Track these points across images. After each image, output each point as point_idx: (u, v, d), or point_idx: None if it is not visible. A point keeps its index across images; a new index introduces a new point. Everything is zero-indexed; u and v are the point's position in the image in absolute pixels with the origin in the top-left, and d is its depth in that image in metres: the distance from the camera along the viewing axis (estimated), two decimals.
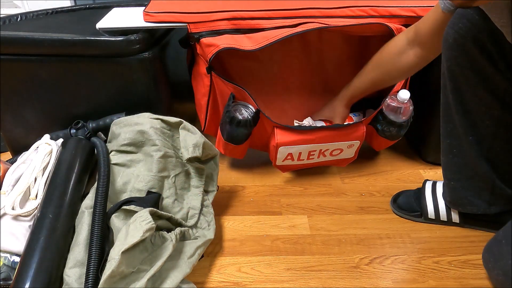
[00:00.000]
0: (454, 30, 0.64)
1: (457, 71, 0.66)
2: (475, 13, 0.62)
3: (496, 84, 0.65)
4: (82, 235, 0.65)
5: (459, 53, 0.65)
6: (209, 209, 0.81)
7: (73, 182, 0.72)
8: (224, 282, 0.73)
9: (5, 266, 0.66)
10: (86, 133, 0.90)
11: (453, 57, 0.66)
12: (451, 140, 0.74)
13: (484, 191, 0.76)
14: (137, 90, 0.91)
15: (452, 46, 0.65)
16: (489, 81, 0.65)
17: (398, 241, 0.82)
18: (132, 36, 0.84)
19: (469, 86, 0.67)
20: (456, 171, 0.77)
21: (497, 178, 0.74)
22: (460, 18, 0.63)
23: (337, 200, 0.94)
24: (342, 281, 0.73)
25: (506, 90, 0.65)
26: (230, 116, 0.84)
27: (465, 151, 0.73)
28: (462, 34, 0.63)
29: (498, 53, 0.62)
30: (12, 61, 0.87)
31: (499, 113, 0.68)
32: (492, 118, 0.68)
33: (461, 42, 0.64)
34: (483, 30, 0.61)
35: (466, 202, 0.78)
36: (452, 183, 0.78)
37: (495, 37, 0.61)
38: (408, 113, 0.89)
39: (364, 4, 0.84)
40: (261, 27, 0.84)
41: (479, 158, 0.72)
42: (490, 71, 0.64)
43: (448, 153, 0.76)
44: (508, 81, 0.64)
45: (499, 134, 0.70)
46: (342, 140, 0.90)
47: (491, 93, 0.66)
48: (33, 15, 1.04)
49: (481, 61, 0.64)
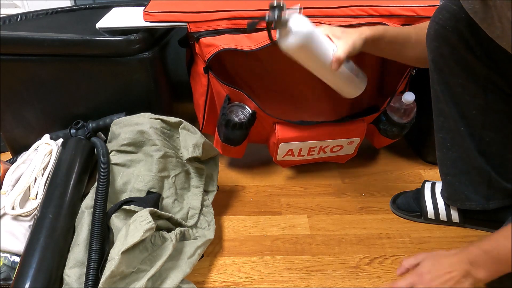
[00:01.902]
0: (435, 22, 0.66)
1: (441, 62, 0.68)
2: (453, 4, 0.64)
3: (477, 72, 0.67)
4: (82, 235, 0.65)
5: (440, 43, 0.67)
6: (209, 209, 0.81)
7: (73, 182, 0.72)
8: (224, 282, 0.73)
9: (5, 266, 0.66)
10: (86, 133, 0.90)
11: (435, 48, 0.67)
12: (443, 134, 0.75)
13: (481, 185, 0.76)
14: (137, 90, 0.91)
15: (434, 37, 0.67)
16: (470, 69, 0.67)
17: (398, 241, 0.82)
18: (132, 36, 0.84)
19: (452, 75, 0.68)
20: (451, 166, 0.77)
21: (493, 171, 0.74)
22: (440, 10, 0.66)
23: (337, 200, 0.94)
24: (342, 281, 0.73)
25: (487, 77, 0.67)
26: (226, 118, 0.84)
27: (458, 144, 0.73)
28: (442, 25, 0.65)
29: (475, 41, 0.64)
30: (12, 61, 0.87)
31: (484, 101, 0.69)
32: (478, 108, 0.69)
33: (441, 32, 0.66)
34: (460, 19, 0.63)
35: (463, 197, 0.78)
36: (448, 178, 0.78)
37: (472, 26, 0.62)
38: (412, 115, 0.89)
39: (364, 3, 0.84)
40: (261, 27, 0.84)
41: (472, 151, 0.72)
42: (469, 59, 0.66)
43: (442, 147, 0.76)
44: (487, 68, 0.66)
45: (486, 123, 0.70)
46: (343, 137, 0.90)
47: (474, 81, 0.67)
48: (33, 15, 1.04)
49: (461, 49, 0.65)
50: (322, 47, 0.65)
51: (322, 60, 0.66)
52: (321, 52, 0.65)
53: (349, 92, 0.76)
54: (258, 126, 0.88)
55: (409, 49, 0.74)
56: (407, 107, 0.88)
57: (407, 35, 0.74)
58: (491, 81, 0.67)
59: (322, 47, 0.65)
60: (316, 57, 0.65)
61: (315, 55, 0.65)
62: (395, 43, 0.73)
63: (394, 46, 0.73)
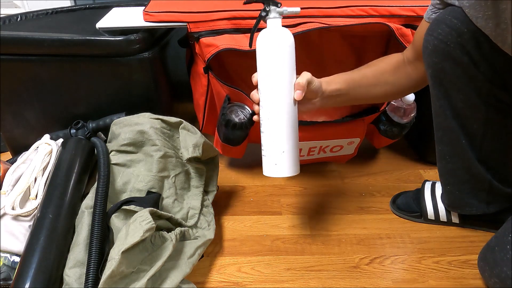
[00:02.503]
0: (434, 37, 0.64)
1: (441, 76, 0.66)
2: (453, 17, 0.62)
3: (480, 87, 0.65)
4: (82, 235, 0.65)
5: (441, 59, 0.64)
6: (209, 209, 0.81)
7: (73, 182, 0.72)
8: (224, 282, 0.73)
9: (5, 266, 0.66)
10: (86, 133, 0.90)
11: (434, 63, 0.66)
12: (442, 147, 0.74)
13: (481, 192, 0.76)
14: (137, 90, 0.91)
15: (433, 52, 0.65)
16: (472, 84, 0.65)
17: (398, 241, 0.82)
18: (132, 36, 0.84)
19: (454, 91, 0.67)
20: (451, 176, 0.77)
21: (493, 178, 0.74)
22: (438, 24, 0.64)
23: (337, 200, 0.94)
24: (342, 281, 0.73)
25: (489, 92, 0.65)
26: (226, 119, 0.84)
27: (458, 155, 0.73)
28: (442, 40, 0.63)
29: (478, 54, 0.62)
30: (12, 61, 0.87)
31: (485, 115, 0.68)
32: (479, 121, 0.69)
33: (442, 47, 0.63)
34: (462, 34, 0.61)
35: (464, 204, 0.78)
36: (448, 187, 0.78)
37: (475, 39, 0.61)
38: (412, 115, 0.89)
39: (364, 3, 0.84)
40: (261, 27, 0.84)
41: (473, 160, 0.72)
42: (473, 73, 0.64)
43: (442, 159, 0.76)
44: (489, 82, 0.64)
45: (487, 134, 0.70)
46: (343, 137, 0.90)
47: (476, 96, 0.66)
48: (33, 15, 1.04)
49: (464, 63, 0.64)
50: (293, 63, 0.64)
51: (287, 77, 0.63)
52: (291, 67, 0.64)
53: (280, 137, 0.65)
54: (258, 126, 0.88)
55: (375, 89, 0.74)
56: (407, 107, 0.88)
57: (366, 78, 0.73)
58: (493, 95, 0.66)
59: (292, 63, 0.64)
60: (284, 68, 0.63)
61: (286, 65, 0.63)
62: (359, 87, 0.73)
63: (358, 90, 0.73)
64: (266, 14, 0.63)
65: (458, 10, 0.61)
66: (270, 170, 0.66)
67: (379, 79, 0.74)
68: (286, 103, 0.64)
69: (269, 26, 0.64)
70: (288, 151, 0.65)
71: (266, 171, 0.67)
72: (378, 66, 0.75)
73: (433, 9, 0.66)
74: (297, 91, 0.63)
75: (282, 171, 0.65)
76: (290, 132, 0.65)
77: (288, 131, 0.65)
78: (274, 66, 0.63)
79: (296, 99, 0.63)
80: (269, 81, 0.63)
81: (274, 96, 0.64)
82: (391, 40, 0.89)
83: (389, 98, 0.81)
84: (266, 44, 0.63)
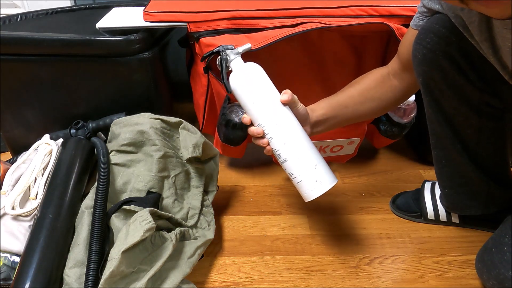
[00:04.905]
0: (422, 46, 0.63)
1: (432, 85, 0.66)
2: (441, 26, 0.61)
3: (469, 95, 0.65)
4: (82, 235, 0.65)
5: (430, 68, 0.64)
6: (209, 209, 0.81)
7: (73, 182, 0.72)
8: (224, 282, 0.73)
9: (5, 266, 0.66)
10: (86, 133, 0.90)
11: (424, 72, 0.65)
12: (437, 152, 0.74)
13: (479, 193, 0.76)
14: (137, 90, 0.91)
15: (422, 61, 0.65)
16: (462, 93, 0.65)
17: (398, 241, 0.82)
18: (132, 36, 0.84)
19: (444, 99, 0.67)
20: (448, 180, 0.77)
21: (491, 180, 0.73)
22: (426, 33, 0.63)
23: (337, 200, 0.94)
24: (342, 281, 0.73)
25: (480, 100, 0.65)
26: (226, 119, 0.84)
27: (454, 160, 0.73)
28: (430, 49, 0.63)
29: (467, 64, 0.62)
30: (12, 61, 0.87)
31: (477, 121, 0.67)
32: (472, 127, 0.68)
33: (430, 56, 0.63)
34: (450, 43, 0.61)
35: (462, 206, 0.78)
36: (446, 191, 0.78)
37: (464, 49, 0.61)
38: (412, 115, 0.89)
39: (364, 3, 0.84)
40: (261, 27, 0.84)
41: (469, 165, 0.72)
42: (462, 83, 0.64)
43: (438, 163, 0.76)
44: (479, 91, 0.64)
45: (482, 140, 0.70)
46: (343, 137, 0.90)
47: (466, 104, 0.66)
48: (33, 15, 1.04)
49: (452, 73, 0.63)
50: (272, 85, 0.66)
51: (269, 93, 0.65)
52: (274, 88, 0.66)
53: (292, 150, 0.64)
54: None
55: (363, 107, 0.74)
56: (407, 107, 0.88)
57: (351, 97, 0.73)
58: (484, 102, 0.65)
59: (272, 85, 0.66)
60: (271, 92, 0.65)
61: (270, 89, 0.66)
62: (345, 108, 0.73)
63: (345, 111, 0.73)
64: (226, 60, 0.66)
65: (446, 18, 0.61)
66: (315, 190, 0.63)
67: (365, 97, 0.73)
68: (291, 121, 0.64)
69: (234, 67, 0.66)
70: (320, 162, 0.64)
71: (311, 193, 0.63)
72: (362, 83, 0.74)
73: (420, 17, 0.66)
74: (284, 95, 0.64)
75: (326, 183, 0.63)
76: (309, 144, 0.64)
77: (308, 144, 0.64)
78: (263, 95, 0.65)
79: (286, 101, 0.64)
80: (266, 111, 0.64)
81: (279, 121, 0.64)
82: (391, 40, 0.89)
83: (378, 114, 0.80)
84: (244, 81, 0.65)
